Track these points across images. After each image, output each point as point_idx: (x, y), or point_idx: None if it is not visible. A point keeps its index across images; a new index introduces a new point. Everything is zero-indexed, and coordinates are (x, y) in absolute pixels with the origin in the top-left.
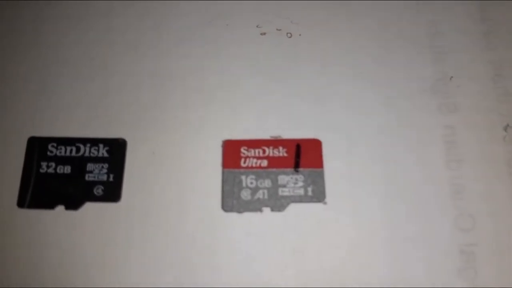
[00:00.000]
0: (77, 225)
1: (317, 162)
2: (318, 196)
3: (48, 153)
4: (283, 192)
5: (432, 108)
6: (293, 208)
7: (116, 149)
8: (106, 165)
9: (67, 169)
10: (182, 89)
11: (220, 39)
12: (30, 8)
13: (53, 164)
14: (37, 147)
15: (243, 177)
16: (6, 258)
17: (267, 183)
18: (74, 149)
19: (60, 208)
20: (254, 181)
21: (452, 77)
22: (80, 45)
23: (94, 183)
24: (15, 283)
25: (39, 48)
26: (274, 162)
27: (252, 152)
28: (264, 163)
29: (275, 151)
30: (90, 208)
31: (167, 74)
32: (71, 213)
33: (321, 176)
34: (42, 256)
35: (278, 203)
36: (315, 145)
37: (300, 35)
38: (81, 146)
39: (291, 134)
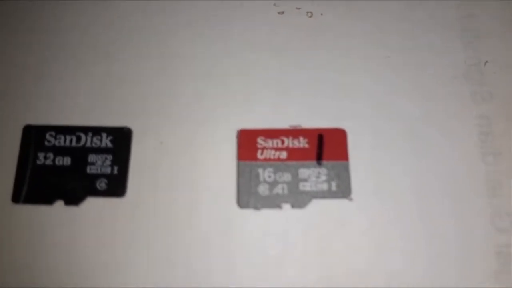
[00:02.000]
0: (78, 222)
1: (342, 154)
2: (343, 191)
3: (46, 143)
4: (305, 186)
5: (465, 96)
6: (315, 204)
7: (120, 139)
8: (109, 157)
9: (67, 161)
10: (193, 74)
11: (233, 20)
12: None
13: (51, 155)
14: (33, 137)
15: (260, 170)
16: (1, 258)
17: (286, 177)
18: (74, 138)
19: (59, 204)
20: (272, 175)
21: (486, 62)
22: (81, 27)
23: (97, 176)
24: (11, 284)
25: (37, 30)
26: (294, 154)
27: (269, 143)
28: (283, 155)
29: (295, 142)
30: (92, 203)
31: (177, 58)
32: (72, 208)
33: (346, 169)
34: (40, 256)
35: (299, 199)
36: (339, 135)
37: (321, 14)
38: (82, 136)
39: (313, 123)
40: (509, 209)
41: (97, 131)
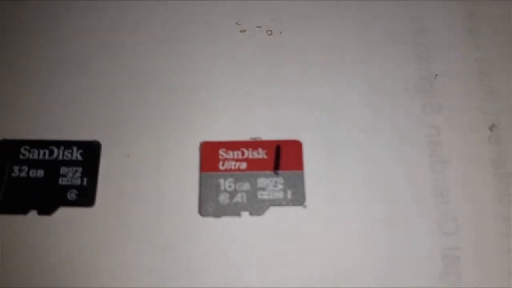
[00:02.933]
0: (51, 231)
1: (297, 164)
2: (298, 199)
3: (21, 156)
4: (262, 195)
5: (415, 107)
6: (272, 211)
7: (90, 152)
8: (79, 169)
9: (40, 173)
10: (158, 89)
11: (198, 37)
12: None
13: (26, 168)
14: (9, 151)
15: (222, 181)
16: None
17: (246, 186)
18: (47, 152)
19: (33, 213)
20: (232, 184)
21: (436, 75)
22: (53, 43)
23: (68, 187)
24: None
25: (9, 46)
26: (254, 165)
27: (231, 154)
28: (243, 165)
29: (255, 153)
30: (63, 213)
31: (143, 74)
32: (44, 218)
33: (301, 178)
34: (14, 262)
35: (257, 207)
36: (296, 146)
37: (280, 32)
38: (55, 149)
39: (271, 135)
40: (455, 214)
41: (68, 145)
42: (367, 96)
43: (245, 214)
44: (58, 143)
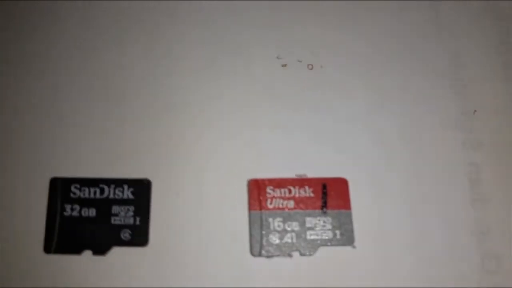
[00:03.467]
0: (106, 271)
1: (345, 203)
2: (347, 239)
3: (72, 195)
4: (311, 235)
5: (456, 144)
6: (322, 252)
7: (141, 190)
8: (132, 208)
9: (92, 212)
10: (204, 126)
11: (239, 71)
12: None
13: (78, 207)
14: (60, 189)
15: (271, 220)
16: None
17: (294, 225)
18: (98, 190)
19: (88, 253)
20: (281, 224)
21: (475, 111)
22: (97, 79)
23: (121, 227)
24: None
25: (55, 84)
26: (301, 203)
27: (278, 192)
28: (291, 204)
29: (301, 191)
30: (117, 253)
31: (188, 111)
32: (99, 258)
33: (349, 217)
34: None
35: (307, 247)
36: (342, 184)
37: (321, 66)
38: (105, 188)
39: (317, 173)
40: (497, 253)
41: (119, 183)
42: (409, 132)
43: (295, 254)
44: (108, 181)
